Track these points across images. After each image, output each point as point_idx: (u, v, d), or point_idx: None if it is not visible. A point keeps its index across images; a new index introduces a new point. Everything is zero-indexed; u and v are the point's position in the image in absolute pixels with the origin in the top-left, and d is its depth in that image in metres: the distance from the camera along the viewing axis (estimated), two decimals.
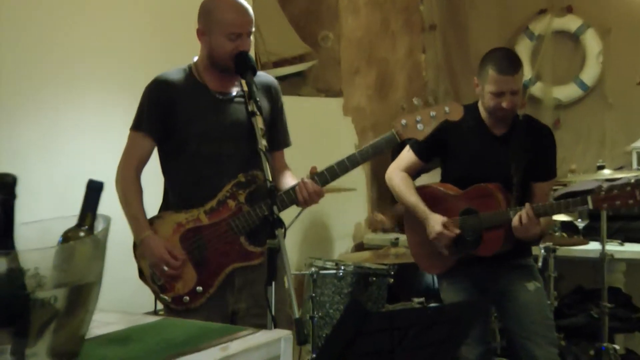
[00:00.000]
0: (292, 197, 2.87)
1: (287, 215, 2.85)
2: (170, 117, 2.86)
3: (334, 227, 5.70)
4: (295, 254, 5.20)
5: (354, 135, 5.96)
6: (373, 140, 2.95)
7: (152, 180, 3.08)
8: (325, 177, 2.88)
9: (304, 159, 3.20)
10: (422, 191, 3.77)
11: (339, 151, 3.14)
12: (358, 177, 5.86)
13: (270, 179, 2.59)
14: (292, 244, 5.19)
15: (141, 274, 2.98)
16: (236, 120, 2.91)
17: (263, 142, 2.71)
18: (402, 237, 4.46)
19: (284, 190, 2.93)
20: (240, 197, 2.93)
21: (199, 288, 2.89)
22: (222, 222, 2.88)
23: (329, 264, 4.55)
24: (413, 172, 3.84)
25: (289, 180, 3.05)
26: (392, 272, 4.48)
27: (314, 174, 2.89)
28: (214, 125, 2.88)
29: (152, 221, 2.96)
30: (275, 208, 2.55)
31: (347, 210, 5.82)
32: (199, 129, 2.87)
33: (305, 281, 4.58)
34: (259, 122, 2.73)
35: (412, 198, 3.71)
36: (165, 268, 2.76)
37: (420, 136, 2.91)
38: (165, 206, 3.03)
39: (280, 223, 2.52)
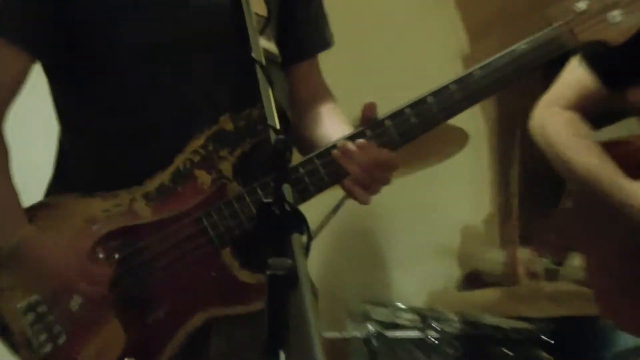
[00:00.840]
0: (331, 170, 1.47)
1: (313, 210, 1.39)
2: (70, 8, 1.45)
3: (412, 239, 3.28)
4: (328, 291, 3.05)
5: (458, 39, 3.32)
6: (511, 47, 1.50)
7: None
8: (395, 131, 1.47)
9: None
10: (615, 151, 2.02)
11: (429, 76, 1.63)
12: (471, 131, 2.87)
13: (283, 126, 1.20)
14: (321, 270, 3.13)
15: (4, 329, 1.45)
16: (209, 6, 1.50)
17: (265, 45, 1.42)
18: (571, 261, 2.63)
19: (316, 152, 1.49)
20: (223, 164, 1.49)
21: None
22: (184, 219, 1.44)
23: (405, 317, 2.68)
24: (590, 114, 2.05)
25: (329, 128, 1.58)
26: (547, 336, 2.50)
27: (369, 121, 1.48)
28: (164, 20, 1.46)
29: (32, 214, 1.48)
30: (287, 189, 1.14)
31: (443, 205, 3.28)
32: (135, 29, 1.45)
33: (352, 351, 2.76)
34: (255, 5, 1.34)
35: (596, 162, 1.95)
36: (77, 304, 1.35)
37: (614, 37, 1.47)
38: (62, 185, 1.55)
39: (299, 223, 1.15)
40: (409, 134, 1.47)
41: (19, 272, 1.45)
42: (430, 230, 3.33)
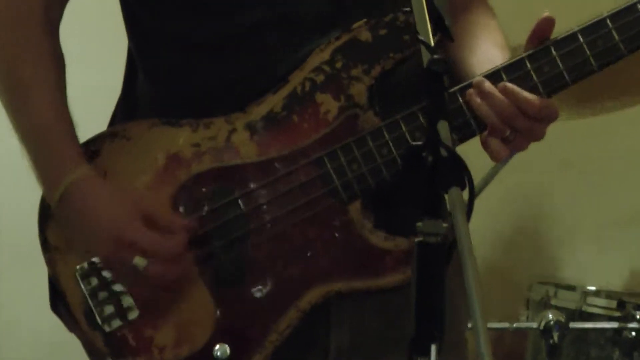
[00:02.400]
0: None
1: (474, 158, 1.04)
2: None
3: (603, 203, 2.69)
4: (495, 271, 2.64)
5: None
6: None
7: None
8: (562, 65, 1.09)
9: None
10: None
11: None
12: None
13: (440, 40, 0.92)
14: (485, 243, 2.66)
15: (58, 298, 1.14)
16: None
17: None
18: None
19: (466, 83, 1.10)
20: (355, 87, 1.10)
21: (221, 349, 1.16)
22: (300, 161, 1.10)
23: (596, 304, 2.33)
24: None
25: (478, 50, 1.20)
26: None
27: (538, 43, 1.11)
28: None
29: (94, 149, 1.14)
30: (444, 127, 0.86)
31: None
32: None
33: (527, 346, 2.43)
34: None
35: None
36: (143, 263, 1.03)
37: None
38: (132, 112, 1.20)
39: (459, 173, 0.88)
40: (579, 70, 1.10)
41: (73, 227, 1.12)
42: (627, 191, 2.68)
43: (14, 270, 2.47)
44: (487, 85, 1.08)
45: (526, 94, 1.08)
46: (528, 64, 1.10)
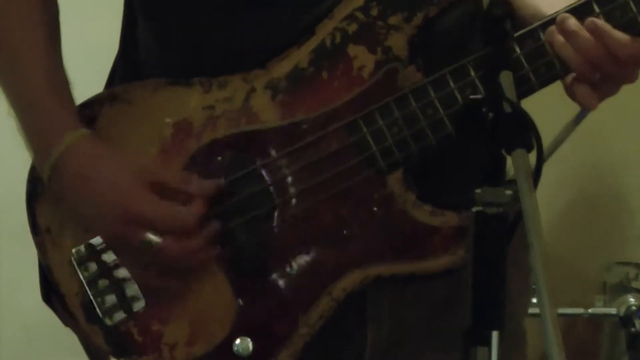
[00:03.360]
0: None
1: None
2: None
3: None
4: (565, 249, 2.40)
5: None
6: None
7: None
8: None
9: None
10: None
11: None
12: None
13: None
14: (554, 221, 2.41)
15: (51, 288, 0.98)
16: None
17: None
18: None
19: (541, 22, 0.96)
20: (394, 38, 0.94)
21: (242, 344, 1.04)
22: (330, 125, 0.94)
23: None
24: None
25: None
26: None
27: None
28: None
29: (91, 112, 0.99)
30: (507, 77, 0.76)
31: None
32: None
33: (604, 334, 2.23)
34: None
35: None
36: (155, 239, 0.90)
37: None
38: (134, 68, 1.05)
39: (524, 133, 0.75)
40: None
41: (68, 201, 0.98)
42: None
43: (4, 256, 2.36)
44: (572, 22, 0.93)
45: (617, 34, 0.92)
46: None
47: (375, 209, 0.96)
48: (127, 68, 1.06)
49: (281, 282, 0.97)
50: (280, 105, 0.97)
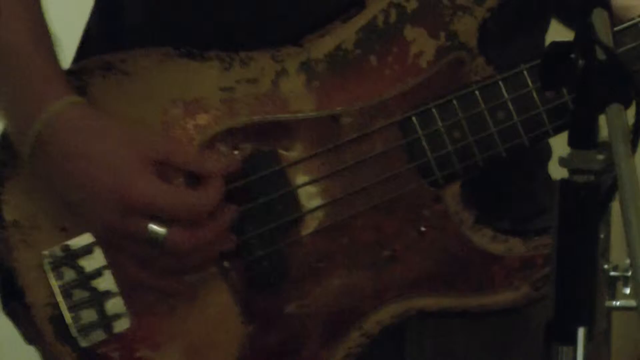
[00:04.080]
0: None
1: None
2: None
3: None
4: None
5: None
6: None
7: None
8: None
9: None
10: None
11: None
12: None
13: None
14: None
15: (14, 295, 0.78)
16: None
17: None
18: None
19: None
20: (461, 22, 0.75)
21: None
22: (377, 120, 0.77)
23: None
24: None
25: None
26: None
27: None
28: None
29: (80, 84, 0.78)
30: (600, 18, 0.60)
31: None
32: None
33: None
34: None
35: None
36: (161, 231, 0.73)
37: None
38: (119, 36, 0.84)
39: (621, 84, 0.60)
40: None
41: (49, 185, 0.79)
42: None
43: None
44: None
45: None
46: None
47: (424, 228, 0.80)
48: (108, 32, 0.86)
49: (302, 310, 0.80)
50: (316, 93, 0.79)
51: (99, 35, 0.88)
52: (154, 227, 0.76)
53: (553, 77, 0.70)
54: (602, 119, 0.67)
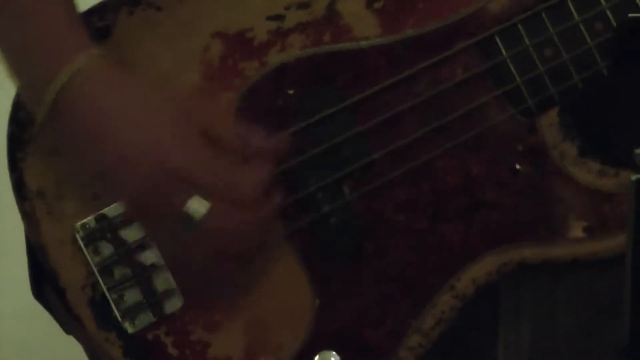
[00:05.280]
0: None
1: None
2: None
3: None
4: None
5: None
6: None
7: None
8: None
9: None
10: None
11: None
12: None
13: None
14: None
15: (46, 278, 0.70)
16: None
17: None
18: None
19: None
20: None
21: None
22: (453, 42, 0.67)
23: None
24: None
25: None
26: None
27: None
28: None
29: (104, 24, 0.68)
30: None
31: None
32: None
33: None
34: None
35: None
36: (202, 209, 0.62)
37: None
38: None
39: None
40: None
41: (74, 152, 0.69)
42: None
43: None
44: None
45: None
46: None
47: (519, 166, 0.69)
48: None
49: (381, 271, 0.70)
50: (380, 14, 0.69)
51: None
52: (194, 201, 0.65)
53: (626, 56, 0.62)
54: None
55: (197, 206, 0.66)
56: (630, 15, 0.73)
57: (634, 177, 0.56)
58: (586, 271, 0.73)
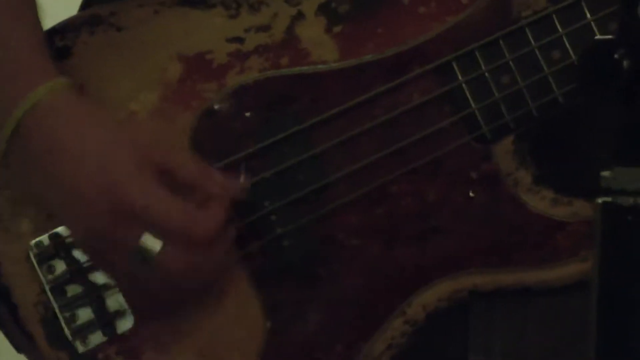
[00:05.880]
0: None
1: None
2: None
3: None
4: None
5: None
6: None
7: None
8: None
9: None
10: None
11: None
12: None
13: None
14: None
15: (0, 289, 0.69)
16: None
17: None
18: None
19: None
20: None
21: None
22: (411, 67, 0.68)
23: None
24: None
25: None
26: None
27: None
28: None
29: (64, 45, 0.69)
30: None
31: None
32: None
33: None
34: None
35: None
36: (155, 246, 0.63)
37: None
38: None
39: None
40: None
41: (31, 176, 0.70)
42: None
43: None
44: None
45: None
46: None
47: (472, 193, 0.70)
48: None
49: (332, 294, 0.70)
50: (339, 39, 0.70)
51: None
52: (147, 239, 0.66)
53: (593, 80, 0.64)
54: None
55: (151, 244, 0.66)
56: (596, 37, 0.74)
57: (600, 199, 0.58)
58: (557, 293, 0.75)
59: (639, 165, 0.57)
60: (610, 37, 0.65)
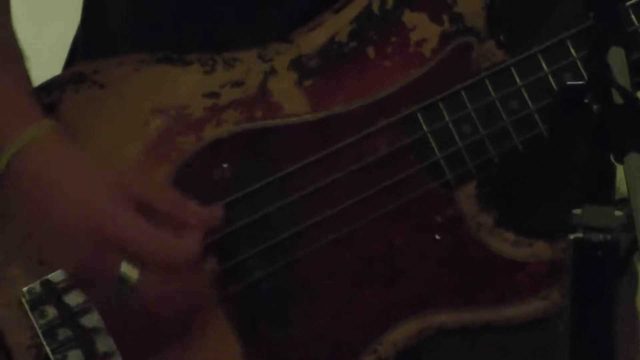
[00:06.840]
0: None
1: None
2: None
3: None
4: None
5: None
6: None
7: None
8: None
9: None
10: None
11: None
12: None
13: None
14: None
15: None
16: None
17: None
18: None
19: None
20: (466, 3, 0.71)
21: None
22: (378, 119, 0.72)
23: None
24: None
25: None
26: None
27: None
28: None
29: (51, 101, 0.74)
30: (617, 57, 0.57)
31: None
32: None
33: None
34: None
35: None
36: (134, 275, 0.67)
37: None
38: (103, 44, 0.80)
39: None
40: None
41: (20, 220, 0.75)
42: None
43: None
44: None
45: None
46: None
47: (438, 235, 0.75)
48: (92, 41, 0.83)
49: (307, 334, 0.75)
50: (309, 93, 0.75)
51: (84, 48, 0.85)
52: (126, 266, 0.72)
53: (564, 124, 0.68)
54: (620, 170, 0.65)
55: (129, 272, 0.72)
56: (568, 83, 0.79)
57: (572, 236, 0.62)
58: (502, 332, 0.79)
59: (608, 203, 0.62)
60: (580, 82, 0.70)
